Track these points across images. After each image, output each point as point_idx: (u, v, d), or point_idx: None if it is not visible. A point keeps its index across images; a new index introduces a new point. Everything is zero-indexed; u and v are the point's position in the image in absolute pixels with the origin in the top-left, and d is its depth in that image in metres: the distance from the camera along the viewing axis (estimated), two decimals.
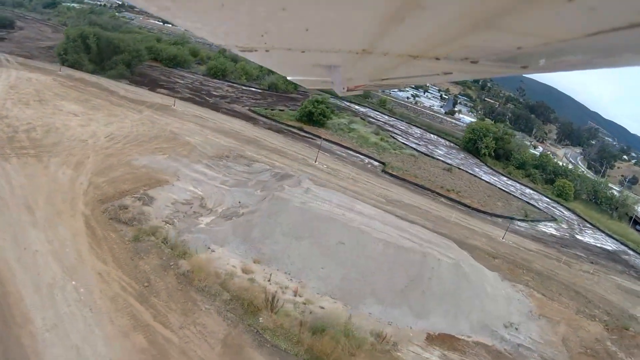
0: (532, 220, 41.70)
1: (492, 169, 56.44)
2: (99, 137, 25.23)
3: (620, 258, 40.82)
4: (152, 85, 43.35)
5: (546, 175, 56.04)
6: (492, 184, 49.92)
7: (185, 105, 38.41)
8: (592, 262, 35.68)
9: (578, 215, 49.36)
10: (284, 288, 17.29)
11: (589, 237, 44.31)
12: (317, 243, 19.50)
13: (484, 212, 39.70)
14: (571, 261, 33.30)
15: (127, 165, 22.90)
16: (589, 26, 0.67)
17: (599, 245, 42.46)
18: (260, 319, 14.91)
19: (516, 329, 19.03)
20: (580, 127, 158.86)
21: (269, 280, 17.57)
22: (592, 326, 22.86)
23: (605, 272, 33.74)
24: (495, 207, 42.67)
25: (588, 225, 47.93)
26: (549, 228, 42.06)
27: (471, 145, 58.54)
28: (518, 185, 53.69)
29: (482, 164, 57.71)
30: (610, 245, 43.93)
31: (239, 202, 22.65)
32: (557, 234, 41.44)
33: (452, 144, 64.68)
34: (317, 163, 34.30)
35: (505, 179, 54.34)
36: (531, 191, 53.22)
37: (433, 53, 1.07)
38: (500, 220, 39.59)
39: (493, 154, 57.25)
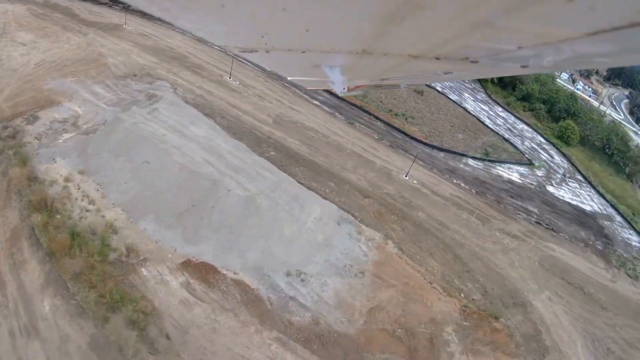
0: (491, 161, 33.18)
1: (489, 97, 45.45)
2: (30, 65, 28.27)
3: (594, 223, 30.60)
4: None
5: (556, 113, 44.40)
6: (472, 114, 40.14)
7: (140, 24, 38.08)
8: (538, 223, 27.68)
9: (571, 164, 37.66)
10: (84, 196, 19.69)
11: (568, 191, 33.76)
12: (129, 160, 20.35)
13: (425, 144, 33.09)
14: (494, 217, 26.13)
15: (36, 89, 25.78)
16: (589, 26, 0.65)
17: (574, 203, 32.31)
18: (39, 217, 18.06)
19: (302, 280, 16.63)
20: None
21: (78, 189, 20.20)
22: (441, 303, 18.00)
23: (541, 238, 25.88)
24: (451, 141, 34.81)
25: (579, 177, 36.29)
26: (512, 172, 33.08)
27: None
28: (512, 119, 42.72)
29: (481, 90, 46.84)
30: (593, 205, 33.16)
31: (105, 120, 24.32)
32: (519, 181, 32.41)
33: None
34: (230, 79, 32.22)
35: (500, 110, 43.54)
36: (525, 127, 42.27)
37: (433, 53, 1.05)
38: (442, 154, 32.74)
39: (497, 80, 46.94)
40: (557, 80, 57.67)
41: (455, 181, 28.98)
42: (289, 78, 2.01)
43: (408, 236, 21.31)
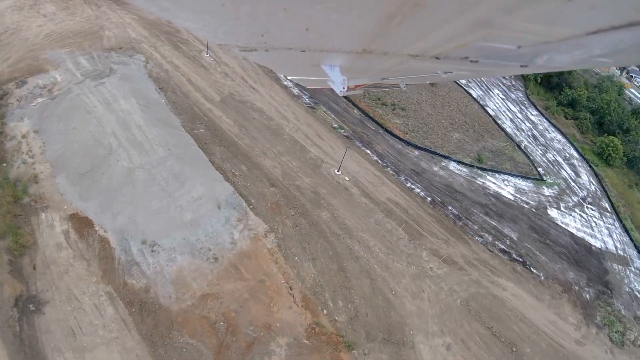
0: (481, 169, 31.16)
1: (528, 97, 43.40)
2: (40, 35, 38.50)
3: (596, 265, 26.54)
4: None
5: (606, 126, 41.91)
6: (490, 114, 38.00)
7: None
8: (504, 251, 25.59)
9: (602, 187, 33.49)
10: (29, 150, 27.12)
11: (579, 219, 29.82)
12: (65, 125, 27.22)
13: (400, 139, 32.66)
14: (434, 234, 25.25)
15: (34, 58, 35.38)
16: (589, 25, 0.76)
17: (579, 235, 28.48)
18: None
19: (153, 250, 20.64)
20: None
21: (28, 144, 27.84)
22: (290, 312, 19.33)
23: (492, 271, 24.02)
24: (439, 139, 33.66)
25: (605, 205, 31.84)
26: (505, 186, 30.60)
27: None
28: (544, 125, 39.90)
29: (520, 89, 44.94)
30: (607, 241, 28.74)
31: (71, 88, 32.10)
32: (509, 197, 29.88)
33: None
34: (207, 55, 37.32)
35: (534, 113, 41.15)
36: (558, 137, 39.00)
37: (433, 52, 1.21)
38: (416, 152, 31.99)
39: (540, 79, 46.31)
40: (630, 90, 49.82)
41: (409, 185, 28.64)
42: (288, 77, 2.33)
43: (297, 235, 23.08)
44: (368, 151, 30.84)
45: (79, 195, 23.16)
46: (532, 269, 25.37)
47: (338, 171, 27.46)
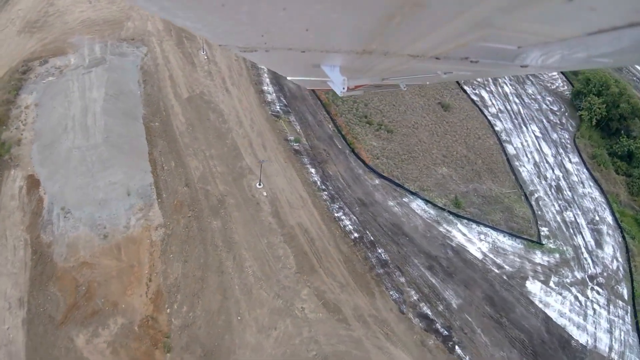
0: (456, 215, 35.56)
1: (574, 140, 46.41)
2: (77, 21, 57.28)
3: None
4: None
5: None
6: (508, 153, 42.16)
7: None
8: (424, 317, 29.51)
9: (629, 267, 33.87)
10: (25, 119, 43.34)
11: (569, 303, 31.30)
12: (51, 103, 42.88)
13: (363, 162, 39.49)
14: (333, 275, 31.50)
15: (62, 41, 53.60)
16: (589, 25, 0.97)
17: (559, 322, 29.98)
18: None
19: (65, 217, 33.38)
20: None
21: (26, 114, 44.20)
22: (138, 300, 28.39)
23: (387, 337, 28.18)
24: (415, 171, 39.52)
25: (621, 290, 32.24)
26: (479, 241, 34.72)
27: (579, 101, 54.43)
28: (582, 177, 42.02)
29: (568, 129, 48.41)
30: (603, 339, 29.54)
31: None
32: (477, 255, 33.55)
33: (564, 91, 58.18)
34: (202, 53, 50.46)
35: (574, 160, 43.80)
36: (594, 195, 40.39)
37: (433, 53, 1.53)
38: (377, 182, 38.37)
39: (595, 121, 49.82)
40: None
41: (338, 215, 35.90)
42: (288, 78, 2.99)
43: (183, 235, 33.09)
44: (312, 170, 38.98)
45: (39, 162, 37.83)
46: (456, 347, 26.87)
47: (259, 185, 36.67)
